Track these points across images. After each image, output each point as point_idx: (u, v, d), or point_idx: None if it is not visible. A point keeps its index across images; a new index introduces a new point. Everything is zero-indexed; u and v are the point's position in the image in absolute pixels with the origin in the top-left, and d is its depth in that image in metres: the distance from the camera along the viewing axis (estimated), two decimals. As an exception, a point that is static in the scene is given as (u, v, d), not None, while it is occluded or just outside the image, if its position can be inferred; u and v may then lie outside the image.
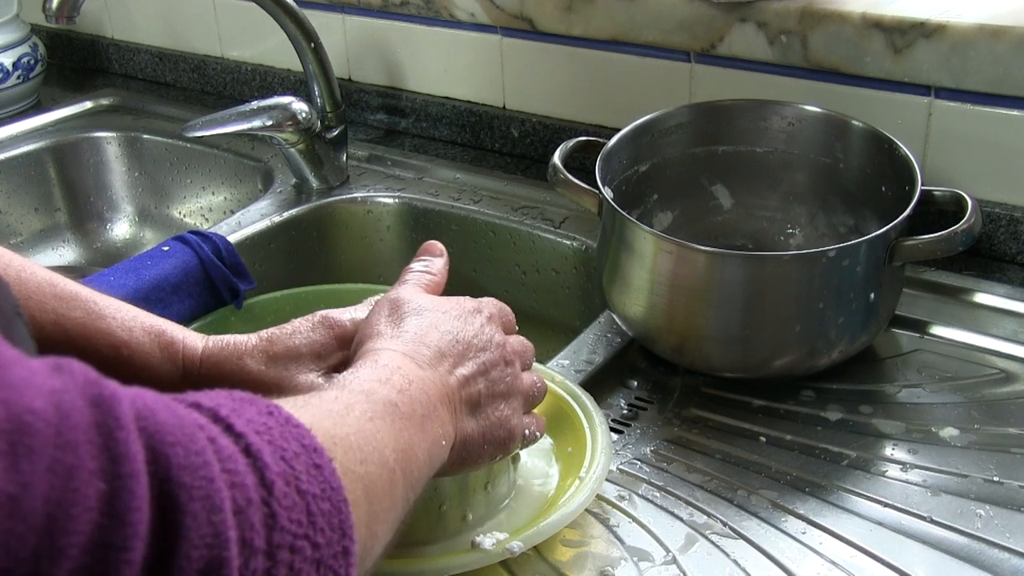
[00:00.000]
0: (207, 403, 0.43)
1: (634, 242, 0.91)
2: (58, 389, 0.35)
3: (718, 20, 1.13)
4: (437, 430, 0.61)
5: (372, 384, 0.58)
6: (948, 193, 0.91)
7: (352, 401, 0.55)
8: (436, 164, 1.37)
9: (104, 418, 0.35)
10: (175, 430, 0.38)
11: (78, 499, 0.33)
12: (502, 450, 0.70)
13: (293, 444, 0.44)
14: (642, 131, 1.03)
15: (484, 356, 0.68)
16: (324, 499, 0.43)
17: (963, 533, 0.75)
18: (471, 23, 1.33)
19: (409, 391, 0.60)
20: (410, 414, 0.58)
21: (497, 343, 0.70)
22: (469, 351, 0.68)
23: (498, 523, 0.77)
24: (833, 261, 0.85)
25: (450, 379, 0.65)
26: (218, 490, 0.37)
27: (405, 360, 0.63)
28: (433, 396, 0.62)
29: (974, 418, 0.86)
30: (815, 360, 0.89)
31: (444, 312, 0.70)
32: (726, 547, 0.75)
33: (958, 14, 1.01)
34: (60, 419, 0.34)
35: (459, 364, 0.67)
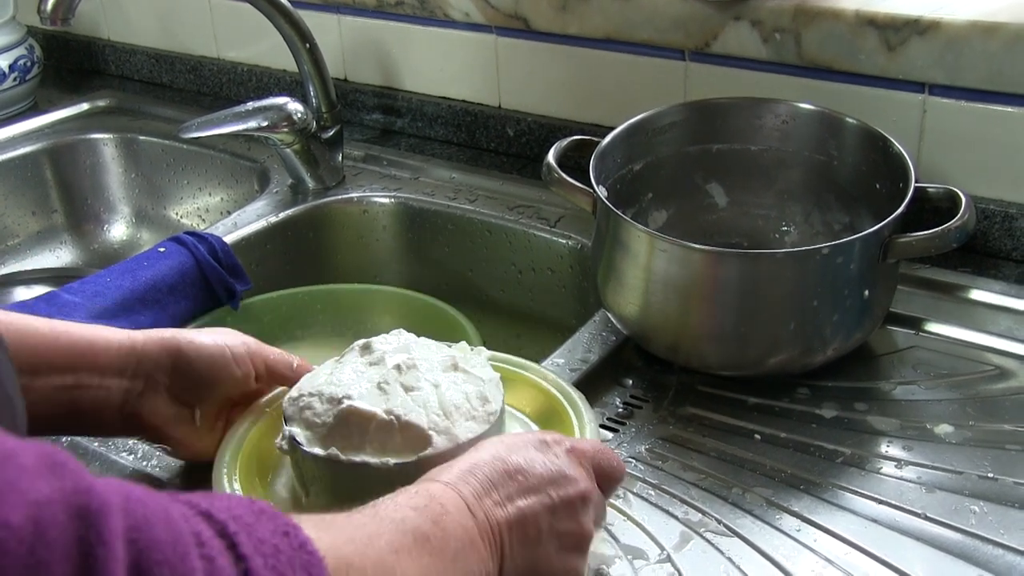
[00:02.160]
0: (219, 515, 0.41)
1: (628, 241, 0.91)
2: (41, 501, 0.33)
3: (712, 18, 1.13)
4: (472, 566, 0.57)
5: (406, 511, 0.56)
6: (942, 190, 0.91)
7: (380, 530, 0.53)
8: (432, 164, 1.37)
9: (87, 533, 0.33)
10: (167, 548, 0.36)
11: None
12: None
13: (300, 573, 0.42)
14: (636, 130, 1.03)
15: (552, 492, 0.63)
16: None
17: (957, 530, 0.75)
18: (466, 23, 1.33)
19: (443, 522, 0.56)
20: (441, 548, 0.55)
21: (571, 479, 0.64)
22: (532, 485, 0.62)
23: None
24: (827, 258, 0.85)
25: (497, 512, 0.60)
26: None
27: (447, 490, 0.59)
28: (472, 531, 0.58)
29: (969, 415, 0.86)
30: (810, 358, 0.89)
31: (513, 442, 0.65)
32: (721, 545, 0.75)
33: (951, 11, 1.01)
34: (36, 536, 0.32)
35: (515, 496, 0.61)
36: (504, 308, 1.26)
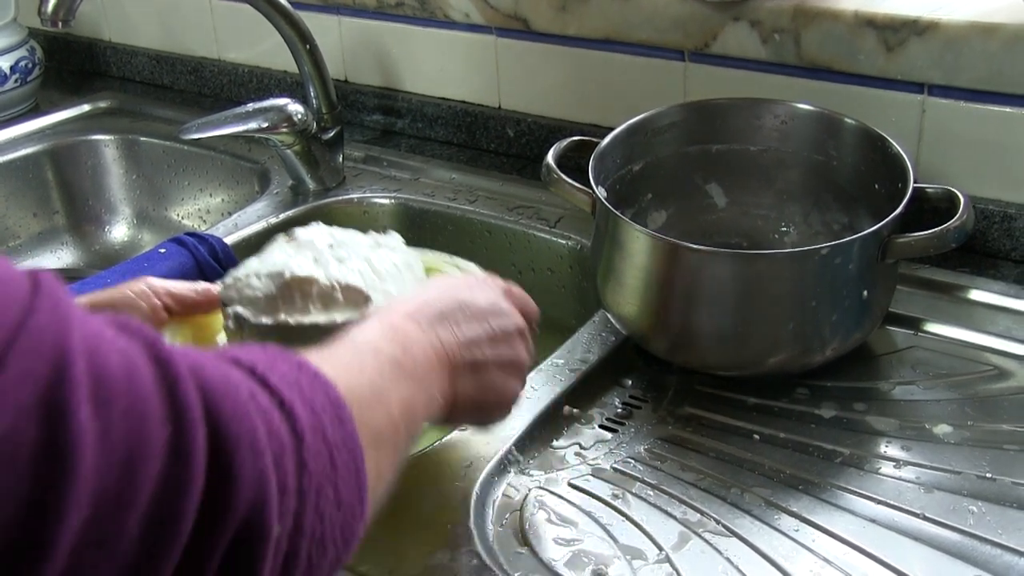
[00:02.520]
0: (245, 359, 0.46)
1: (627, 241, 0.91)
2: (124, 348, 0.39)
3: (711, 19, 1.13)
4: (434, 389, 0.64)
5: (379, 342, 0.61)
6: (941, 190, 0.91)
7: (364, 360, 0.58)
8: (432, 164, 1.37)
9: (165, 372, 0.39)
10: (222, 385, 0.42)
11: (150, 440, 0.37)
12: (490, 417, 0.75)
13: (320, 396, 0.47)
14: (635, 130, 1.03)
15: (492, 322, 0.71)
16: (345, 449, 0.47)
17: (956, 529, 0.75)
18: (466, 23, 1.33)
19: (412, 350, 0.63)
20: (412, 372, 0.61)
21: (507, 312, 0.73)
22: (475, 316, 0.70)
23: None
24: (826, 259, 0.85)
25: (450, 339, 0.67)
26: (260, 439, 0.41)
27: (407, 321, 0.66)
28: (431, 356, 0.65)
29: (967, 415, 0.86)
30: (809, 358, 0.90)
31: (456, 282, 0.75)
32: (719, 545, 0.76)
33: (950, 11, 1.01)
34: (130, 373, 0.38)
35: (463, 325, 0.69)
36: (504, 309, 1.25)
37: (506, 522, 0.79)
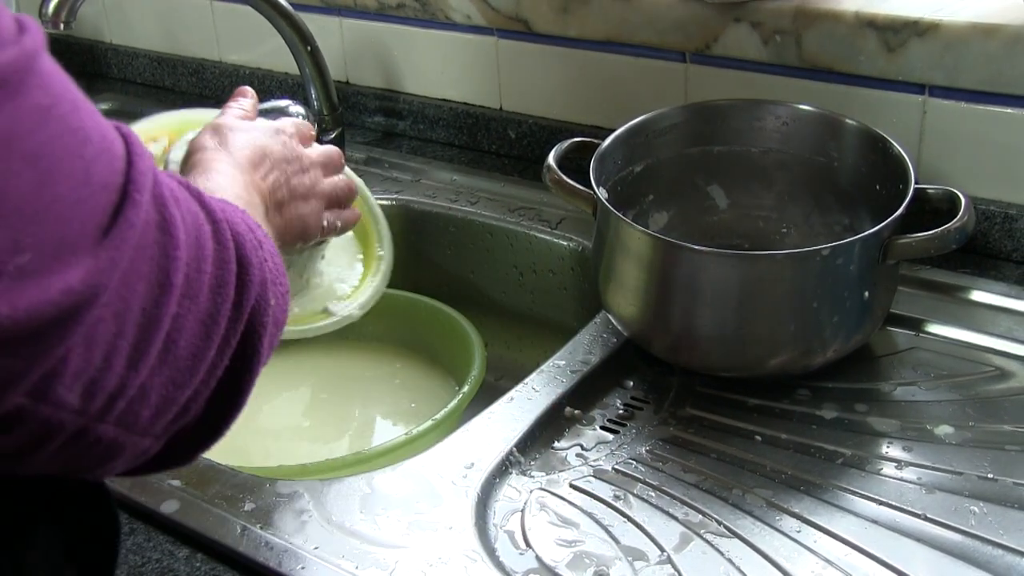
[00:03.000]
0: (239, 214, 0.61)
1: (628, 242, 0.91)
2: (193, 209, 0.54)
3: (712, 20, 1.14)
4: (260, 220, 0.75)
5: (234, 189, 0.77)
6: (942, 191, 0.91)
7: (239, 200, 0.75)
8: (433, 166, 1.37)
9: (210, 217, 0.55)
10: (241, 227, 0.58)
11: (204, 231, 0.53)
12: (301, 240, 0.92)
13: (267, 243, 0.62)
14: (636, 132, 1.03)
15: (286, 167, 0.87)
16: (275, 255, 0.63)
17: (957, 530, 0.75)
18: (467, 25, 1.33)
19: (247, 193, 0.79)
20: (251, 204, 0.78)
21: (296, 155, 0.90)
22: (275, 162, 0.86)
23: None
24: (827, 260, 0.85)
25: (262, 184, 0.83)
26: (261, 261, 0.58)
27: (236, 169, 0.80)
28: (255, 195, 0.80)
29: (969, 415, 0.86)
30: (810, 359, 0.90)
31: (255, 131, 0.88)
32: (721, 546, 0.76)
33: (951, 13, 1.01)
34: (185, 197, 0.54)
35: (268, 172, 0.85)
36: (505, 310, 1.26)
37: (508, 523, 0.79)
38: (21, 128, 0.44)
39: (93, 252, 0.45)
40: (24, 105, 0.44)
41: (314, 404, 1.19)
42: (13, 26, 0.45)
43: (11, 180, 0.43)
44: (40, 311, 0.43)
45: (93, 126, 0.47)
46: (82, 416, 0.47)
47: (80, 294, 0.45)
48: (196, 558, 0.76)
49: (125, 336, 0.48)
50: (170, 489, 0.82)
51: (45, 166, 0.44)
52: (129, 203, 0.47)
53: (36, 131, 0.44)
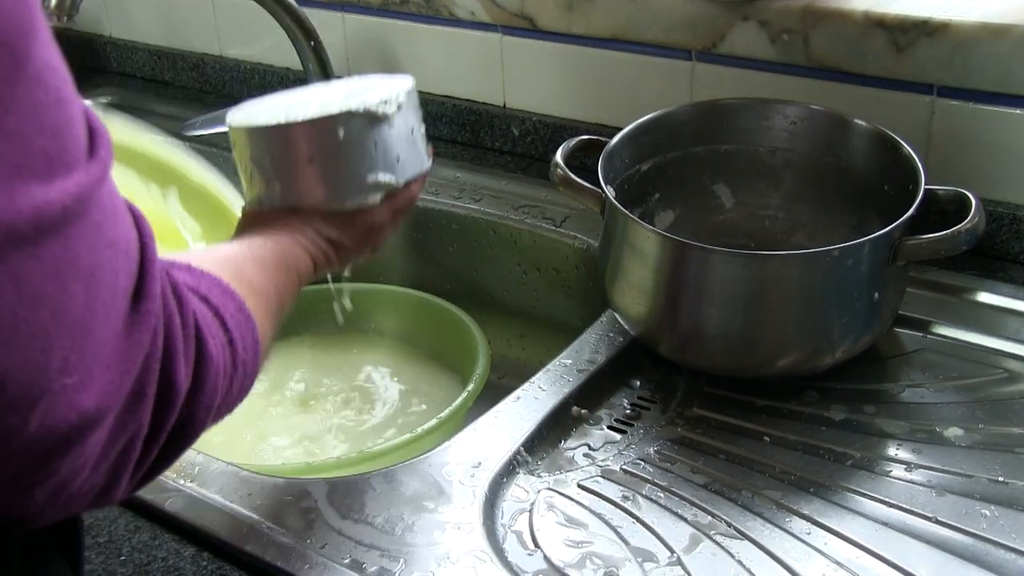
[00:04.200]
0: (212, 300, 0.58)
1: (637, 241, 0.91)
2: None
3: (720, 19, 1.13)
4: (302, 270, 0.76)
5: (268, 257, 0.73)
6: (951, 192, 0.91)
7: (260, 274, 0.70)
8: (436, 163, 1.35)
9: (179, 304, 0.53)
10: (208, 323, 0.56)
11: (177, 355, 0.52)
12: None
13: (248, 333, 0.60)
14: (644, 130, 1.02)
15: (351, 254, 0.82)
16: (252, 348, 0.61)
17: (968, 534, 0.74)
18: (471, 21, 1.32)
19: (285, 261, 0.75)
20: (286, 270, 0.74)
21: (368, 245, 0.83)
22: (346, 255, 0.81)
23: None
24: (837, 260, 0.84)
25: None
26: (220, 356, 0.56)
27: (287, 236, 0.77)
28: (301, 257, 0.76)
29: (978, 418, 0.86)
30: (818, 360, 0.89)
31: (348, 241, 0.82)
32: (731, 548, 0.75)
33: (961, 13, 1.01)
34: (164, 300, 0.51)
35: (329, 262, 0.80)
36: (509, 308, 1.25)
37: (515, 523, 0.79)
38: (83, 248, 0.44)
39: (110, 370, 0.46)
40: (88, 226, 0.45)
41: (317, 401, 1.19)
42: (84, 141, 0.46)
43: (70, 302, 0.44)
44: (59, 430, 0.44)
45: (123, 231, 0.48)
46: (39, 509, 0.48)
47: (92, 416, 0.45)
48: (202, 557, 0.76)
49: (100, 443, 0.47)
50: (175, 487, 0.81)
51: (92, 284, 0.45)
52: (141, 319, 0.48)
53: (91, 250, 0.45)
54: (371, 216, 0.80)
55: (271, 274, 0.71)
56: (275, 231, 0.76)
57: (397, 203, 0.82)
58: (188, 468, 0.83)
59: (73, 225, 0.44)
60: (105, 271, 0.46)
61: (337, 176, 0.78)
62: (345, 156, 0.78)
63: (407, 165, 0.82)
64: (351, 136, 0.77)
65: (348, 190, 0.79)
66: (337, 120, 0.77)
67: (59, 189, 0.43)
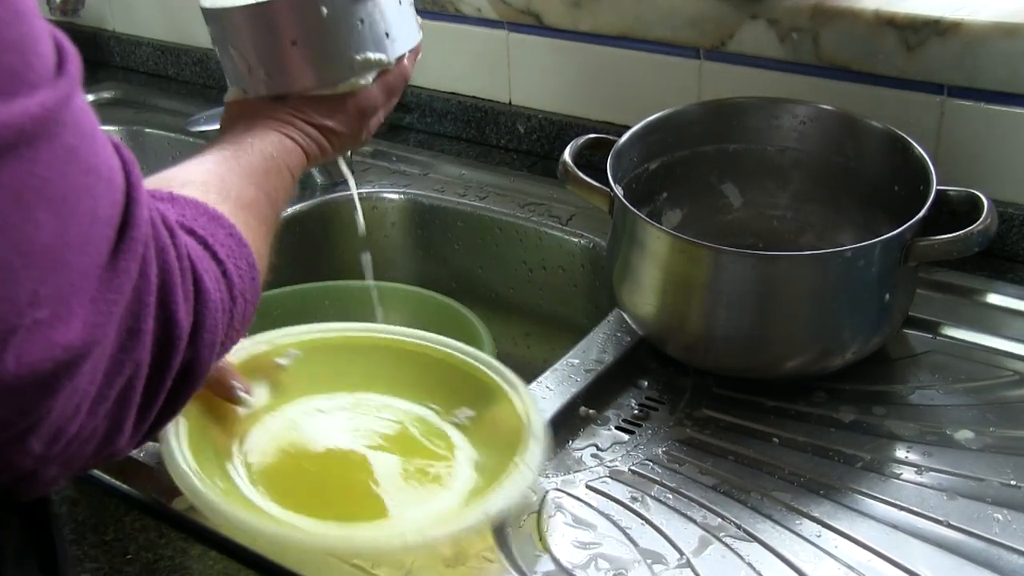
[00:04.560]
0: (199, 232, 0.56)
1: (646, 241, 0.90)
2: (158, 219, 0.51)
3: (728, 17, 1.12)
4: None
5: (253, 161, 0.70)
6: (963, 193, 0.90)
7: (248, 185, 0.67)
8: (441, 160, 1.36)
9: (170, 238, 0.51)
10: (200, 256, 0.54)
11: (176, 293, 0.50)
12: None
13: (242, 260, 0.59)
14: (653, 128, 1.02)
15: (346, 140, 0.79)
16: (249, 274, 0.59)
17: (980, 538, 0.74)
18: (477, 18, 1.32)
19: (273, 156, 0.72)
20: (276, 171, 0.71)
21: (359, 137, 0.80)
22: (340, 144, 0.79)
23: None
24: (848, 261, 0.84)
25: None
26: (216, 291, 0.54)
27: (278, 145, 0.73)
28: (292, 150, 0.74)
29: (989, 421, 0.85)
30: (828, 361, 0.89)
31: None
32: (740, 550, 0.75)
33: (972, 12, 1.00)
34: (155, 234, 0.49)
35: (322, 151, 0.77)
36: (514, 306, 1.25)
37: (524, 524, 0.78)
38: (52, 173, 0.42)
39: (94, 302, 0.44)
40: (56, 149, 0.42)
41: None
42: (52, 60, 0.43)
43: (36, 231, 0.41)
44: (42, 367, 0.42)
45: (103, 158, 0.46)
46: (39, 461, 0.45)
47: (78, 351, 0.43)
48: (209, 556, 0.75)
49: (95, 382, 0.46)
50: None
51: (64, 212, 0.43)
52: (127, 248, 0.46)
53: (62, 175, 0.43)
54: (363, 98, 0.77)
55: (261, 181, 0.68)
56: (261, 126, 0.73)
57: (389, 82, 0.79)
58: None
59: (38, 147, 0.41)
60: (82, 198, 0.43)
61: (323, 57, 0.74)
62: (331, 35, 0.73)
63: (397, 40, 0.77)
64: (335, 13, 0.72)
65: (336, 72, 0.74)
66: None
67: (20, 107, 0.41)
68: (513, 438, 0.78)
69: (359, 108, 0.77)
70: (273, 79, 0.74)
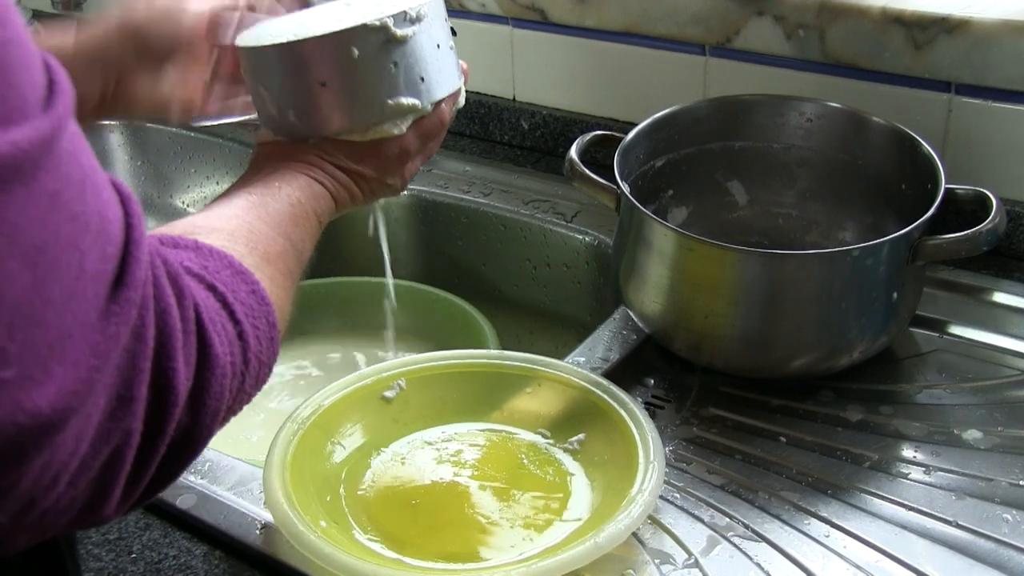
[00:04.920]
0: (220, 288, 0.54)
1: (653, 239, 0.90)
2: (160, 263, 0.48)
3: (734, 13, 1.12)
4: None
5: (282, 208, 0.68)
6: (971, 192, 0.90)
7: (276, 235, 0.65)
8: (444, 156, 1.35)
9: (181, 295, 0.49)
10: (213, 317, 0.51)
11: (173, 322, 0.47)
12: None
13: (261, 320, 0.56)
14: (660, 125, 1.01)
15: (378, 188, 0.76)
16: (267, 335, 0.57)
17: (989, 538, 0.74)
18: (481, 13, 1.31)
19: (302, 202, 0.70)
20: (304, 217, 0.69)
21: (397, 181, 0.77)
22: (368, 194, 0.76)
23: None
24: (856, 260, 0.84)
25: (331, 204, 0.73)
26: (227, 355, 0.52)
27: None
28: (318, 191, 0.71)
29: (997, 420, 0.85)
30: (835, 360, 0.88)
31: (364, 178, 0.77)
32: (749, 550, 0.74)
33: (981, 9, 1.00)
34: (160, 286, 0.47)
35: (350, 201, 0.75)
36: (518, 303, 1.24)
37: (530, 523, 0.78)
38: (27, 219, 0.38)
39: (75, 366, 0.40)
40: (34, 193, 0.39)
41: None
42: (43, 90, 0.40)
43: (8, 283, 0.38)
44: (4, 432, 0.38)
45: (94, 206, 0.42)
46: (3, 529, 0.42)
47: (48, 419, 0.40)
48: (214, 555, 0.75)
49: (76, 453, 0.42)
50: (187, 484, 0.80)
51: (43, 264, 0.39)
52: (118, 309, 0.42)
53: (40, 223, 0.39)
54: (397, 144, 0.73)
55: (289, 230, 0.66)
56: (290, 169, 0.70)
57: (425, 127, 0.74)
58: (200, 465, 0.82)
59: (10, 190, 0.38)
60: (64, 249, 0.40)
61: (354, 101, 0.71)
62: (362, 77, 0.70)
63: (434, 85, 0.73)
64: (367, 54, 0.69)
65: (367, 116, 0.71)
66: (350, 36, 0.68)
67: None
68: (628, 460, 0.78)
69: (393, 154, 0.74)
70: (302, 120, 0.72)
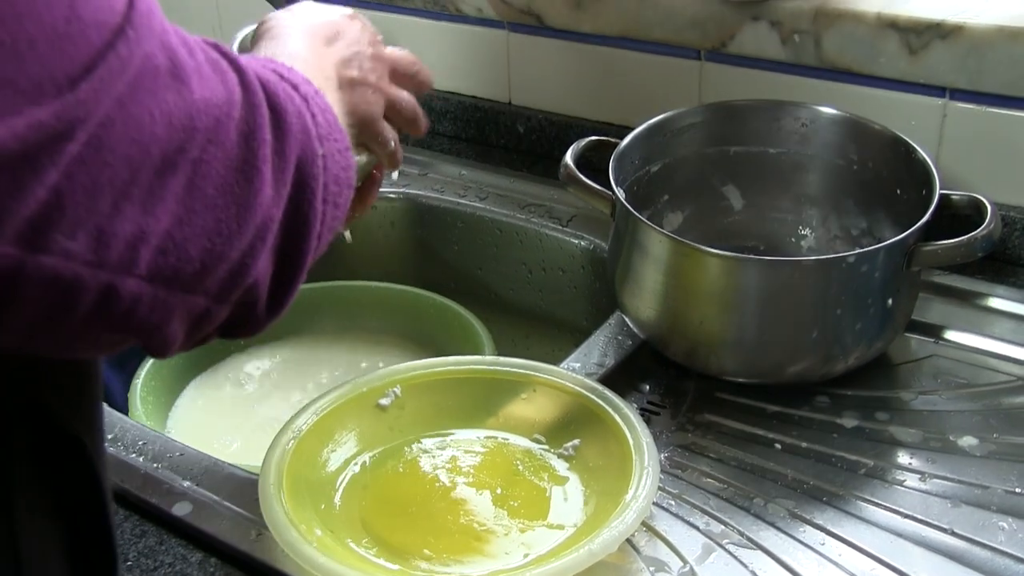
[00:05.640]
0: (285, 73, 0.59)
1: (649, 245, 0.90)
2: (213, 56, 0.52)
3: (730, 18, 1.12)
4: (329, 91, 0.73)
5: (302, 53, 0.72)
6: (966, 197, 0.90)
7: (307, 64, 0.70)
8: (440, 160, 1.35)
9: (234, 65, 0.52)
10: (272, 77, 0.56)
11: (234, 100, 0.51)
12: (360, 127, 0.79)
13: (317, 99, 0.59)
14: (655, 130, 1.01)
15: (359, 48, 0.79)
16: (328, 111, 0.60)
17: (986, 547, 0.74)
18: (478, 18, 1.31)
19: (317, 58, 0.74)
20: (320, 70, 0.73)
21: (371, 40, 0.82)
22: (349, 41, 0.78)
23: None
24: (852, 266, 0.84)
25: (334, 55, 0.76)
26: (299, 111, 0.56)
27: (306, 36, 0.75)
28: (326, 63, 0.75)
29: (992, 427, 0.85)
30: (831, 366, 0.88)
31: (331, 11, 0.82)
32: (744, 558, 0.74)
33: (975, 15, 1.00)
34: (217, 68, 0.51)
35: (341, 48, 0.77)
36: (513, 307, 1.24)
37: (526, 531, 0.78)
38: None
39: (72, 88, 0.43)
40: None
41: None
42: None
43: None
44: (5, 147, 0.41)
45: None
46: (100, 268, 0.44)
47: (51, 128, 0.42)
48: (210, 563, 0.75)
49: (137, 182, 0.45)
50: (182, 491, 0.80)
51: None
52: (120, 38, 0.45)
53: None
54: None
55: None
56: None
57: None
58: (195, 472, 0.82)
59: None
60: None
61: None
62: None
63: None
64: None
65: None
66: None
67: None
68: (623, 466, 0.79)
69: None
70: None
